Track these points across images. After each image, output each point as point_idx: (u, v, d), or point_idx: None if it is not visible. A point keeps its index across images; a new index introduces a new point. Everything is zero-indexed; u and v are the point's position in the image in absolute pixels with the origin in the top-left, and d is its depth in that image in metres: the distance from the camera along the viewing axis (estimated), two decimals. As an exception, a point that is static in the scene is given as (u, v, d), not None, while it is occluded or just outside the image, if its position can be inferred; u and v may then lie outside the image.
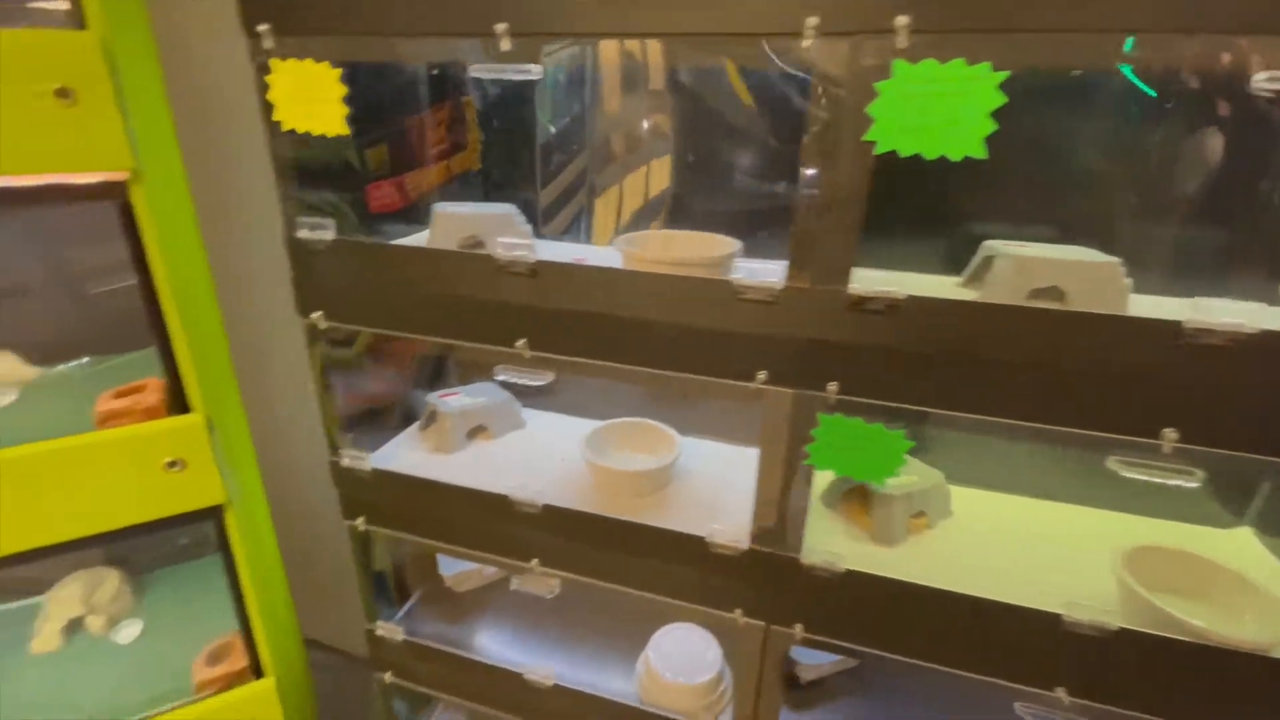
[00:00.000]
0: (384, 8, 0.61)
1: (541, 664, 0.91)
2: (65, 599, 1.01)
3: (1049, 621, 0.64)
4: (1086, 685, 0.65)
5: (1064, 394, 0.56)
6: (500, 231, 0.86)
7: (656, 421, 0.97)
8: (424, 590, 1.13)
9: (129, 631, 1.01)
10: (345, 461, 0.87)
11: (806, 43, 0.53)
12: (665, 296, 0.64)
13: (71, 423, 0.79)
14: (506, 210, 0.88)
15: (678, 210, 0.89)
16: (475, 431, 1.01)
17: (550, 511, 0.79)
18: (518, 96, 0.91)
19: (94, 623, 1.01)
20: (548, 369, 0.73)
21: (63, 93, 0.61)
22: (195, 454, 0.78)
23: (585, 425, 1.06)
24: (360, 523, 0.91)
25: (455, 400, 1.01)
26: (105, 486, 0.76)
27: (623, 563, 0.79)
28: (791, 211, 0.59)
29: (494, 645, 1.03)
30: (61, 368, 0.94)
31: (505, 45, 0.58)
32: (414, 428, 1.05)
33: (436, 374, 1.16)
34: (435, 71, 0.93)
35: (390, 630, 0.98)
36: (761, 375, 0.63)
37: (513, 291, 0.69)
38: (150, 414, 0.78)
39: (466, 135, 1.00)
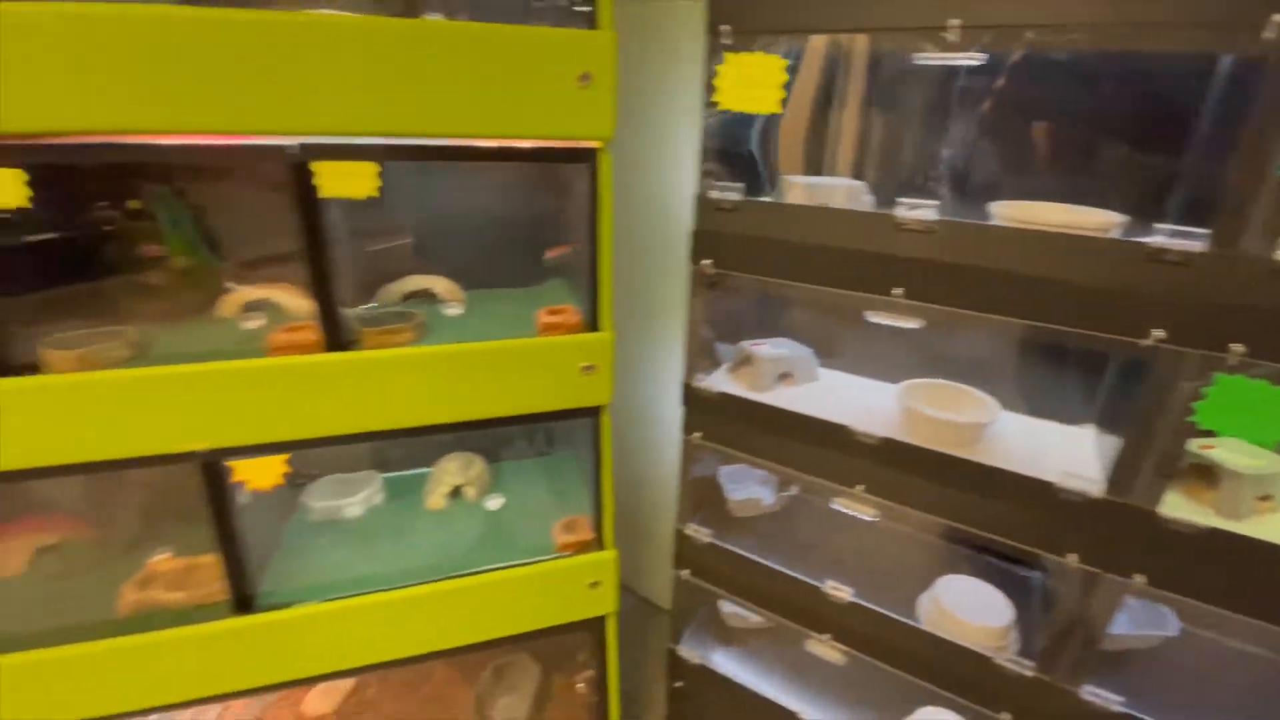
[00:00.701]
0: (841, 11, 0.75)
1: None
2: (449, 470, 1.32)
3: None
4: None
5: None
6: (849, 200, 0.99)
7: (967, 385, 1.05)
8: (707, 511, 1.31)
9: (494, 503, 1.29)
10: (697, 382, 1.06)
11: (1268, 33, 0.59)
12: (1062, 255, 0.73)
13: (512, 331, 1.04)
14: (855, 183, 1.00)
15: (1038, 184, 0.96)
16: (782, 377, 1.16)
17: (888, 443, 0.91)
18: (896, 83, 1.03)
19: (469, 492, 1.31)
20: (918, 317, 0.85)
21: (585, 77, 0.83)
22: (602, 362, 1.00)
23: (871, 384, 1.17)
24: (697, 437, 1.09)
25: (768, 348, 1.16)
26: (540, 378, 1.00)
27: (954, 498, 0.89)
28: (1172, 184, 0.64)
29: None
30: (479, 292, 1.22)
31: (953, 38, 0.70)
32: (723, 369, 1.22)
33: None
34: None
35: (697, 531, 1.16)
36: (1158, 334, 0.69)
37: (901, 245, 0.81)
38: (574, 329, 1.01)
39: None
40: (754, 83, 0.82)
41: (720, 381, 1.17)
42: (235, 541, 0.97)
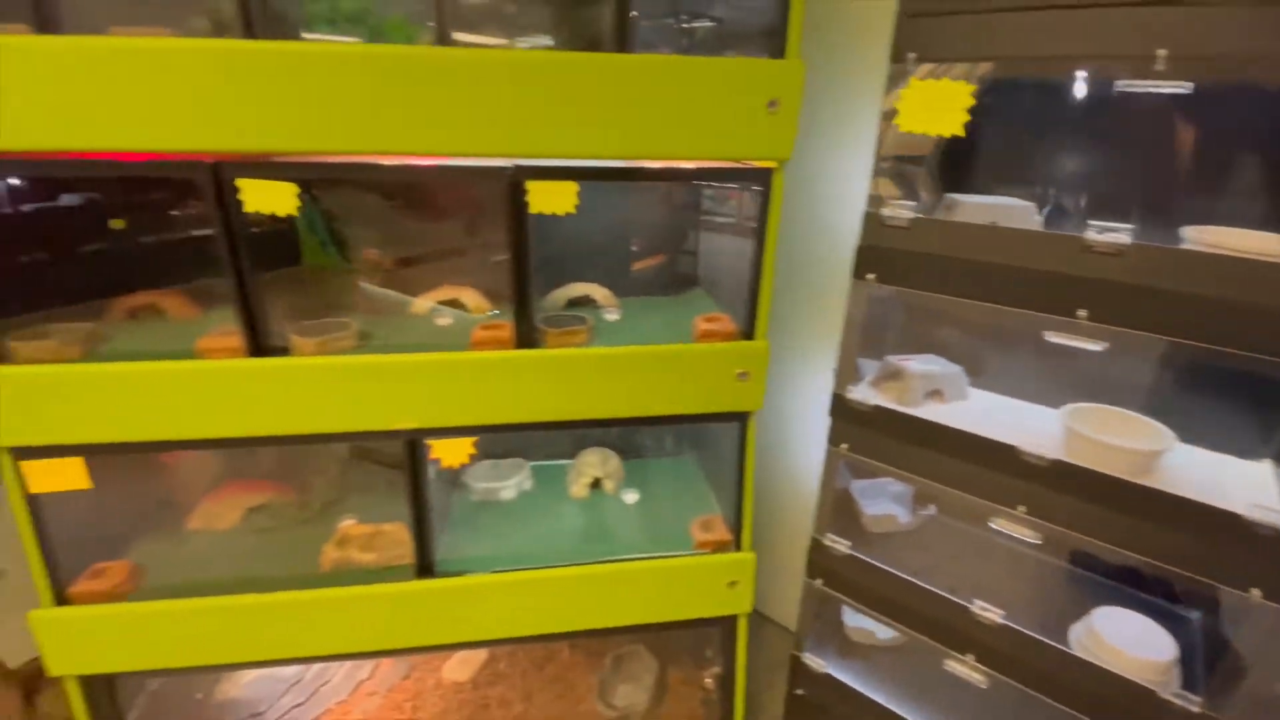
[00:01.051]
0: (1041, 40, 0.78)
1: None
2: (590, 463, 1.41)
3: None
4: None
5: None
6: (1017, 220, 1.00)
7: (1140, 414, 1.02)
8: (840, 524, 1.32)
9: (631, 497, 1.37)
10: (850, 394, 1.09)
11: None
12: (1264, 283, 0.72)
13: (668, 336, 1.11)
14: (1022, 204, 1.01)
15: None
16: (931, 394, 1.17)
17: (1059, 466, 0.91)
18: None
19: (608, 484, 1.39)
20: (1101, 339, 0.85)
21: (773, 104, 0.89)
22: (757, 370, 1.06)
23: (1024, 406, 1.16)
24: (844, 448, 1.12)
25: (918, 364, 1.18)
26: (698, 381, 1.06)
27: (1127, 526, 0.87)
28: None
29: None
30: (629, 299, 1.31)
31: (1160, 67, 0.71)
32: (865, 382, 1.24)
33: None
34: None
35: (835, 542, 1.19)
36: (1384, 367, 0.67)
37: (1087, 267, 0.82)
38: (729, 336, 1.07)
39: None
40: (938, 107, 0.86)
41: (866, 395, 1.19)
42: (425, 512, 1.09)
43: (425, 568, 1.12)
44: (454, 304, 1.22)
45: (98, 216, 1.14)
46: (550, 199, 0.93)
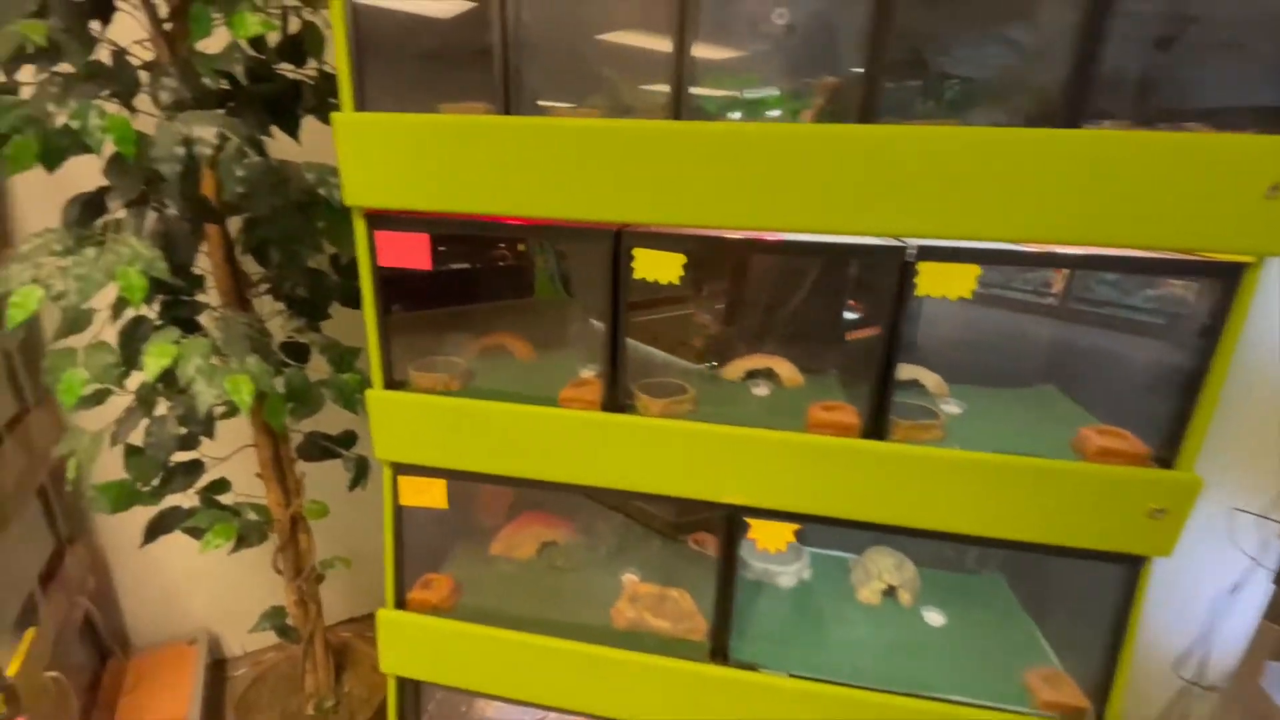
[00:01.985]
0: None
1: None
2: (884, 566, 1.25)
3: None
4: None
5: None
6: None
7: None
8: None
9: (935, 617, 1.18)
10: None
11: None
12: None
13: (1028, 442, 0.93)
14: None
15: None
16: None
17: None
18: None
19: (903, 595, 1.22)
20: None
21: (1276, 189, 0.71)
22: (1177, 508, 0.84)
23: None
24: None
25: None
26: (1086, 509, 0.87)
27: None
28: None
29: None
30: (957, 387, 1.15)
31: None
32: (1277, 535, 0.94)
33: None
34: None
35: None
36: None
37: None
38: (1135, 460, 0.87)
39: None
40: None
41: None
42: (731, 593, 1.03)
43: (719, 651, 1.05)
44: (766, 374, 1.17)
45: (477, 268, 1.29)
46: (944, 282, 0.83)
